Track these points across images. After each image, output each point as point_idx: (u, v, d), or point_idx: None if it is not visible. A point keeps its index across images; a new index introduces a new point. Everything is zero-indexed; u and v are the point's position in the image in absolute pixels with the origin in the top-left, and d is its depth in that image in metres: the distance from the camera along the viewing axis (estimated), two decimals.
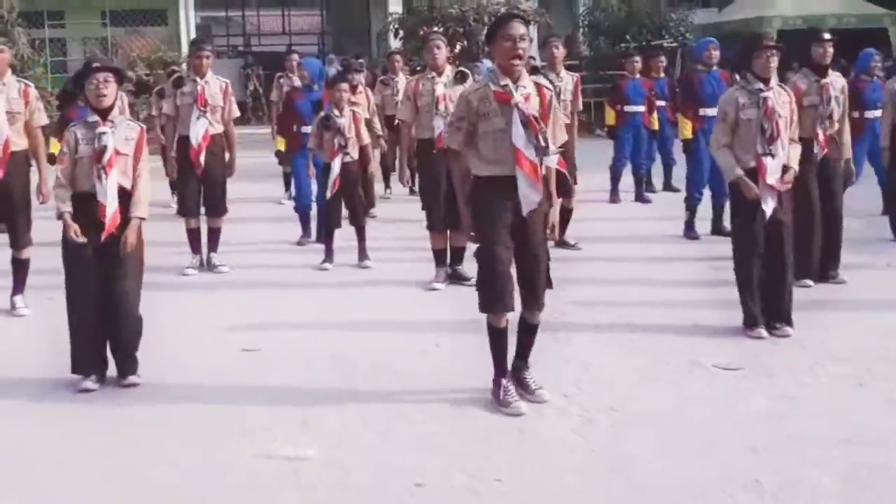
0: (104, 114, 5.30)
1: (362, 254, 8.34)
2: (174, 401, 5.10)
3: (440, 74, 7.48)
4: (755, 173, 5.93)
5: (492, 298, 4.75)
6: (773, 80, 6.08)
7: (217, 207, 8.23)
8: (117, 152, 5.24)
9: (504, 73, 4.75)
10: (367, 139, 8.53)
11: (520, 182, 4.69)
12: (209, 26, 27.80)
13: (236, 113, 8.27)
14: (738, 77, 6.28)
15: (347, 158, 8.20)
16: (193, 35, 24.69)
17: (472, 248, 5.13)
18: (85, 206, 5.22)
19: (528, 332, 4.96)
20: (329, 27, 30.34)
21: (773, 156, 5.93)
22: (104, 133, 5.25)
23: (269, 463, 4.28)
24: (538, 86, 4.84)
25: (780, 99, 6.04)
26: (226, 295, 7.46)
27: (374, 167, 10.14)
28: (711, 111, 8.14)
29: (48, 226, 6.08)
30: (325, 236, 8.40)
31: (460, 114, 4.85)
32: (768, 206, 5.91)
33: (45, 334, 5.98)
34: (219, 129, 8.12)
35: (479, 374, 5.05)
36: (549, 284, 4.87)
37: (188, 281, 7.87)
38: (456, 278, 7.49)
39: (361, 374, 5.46)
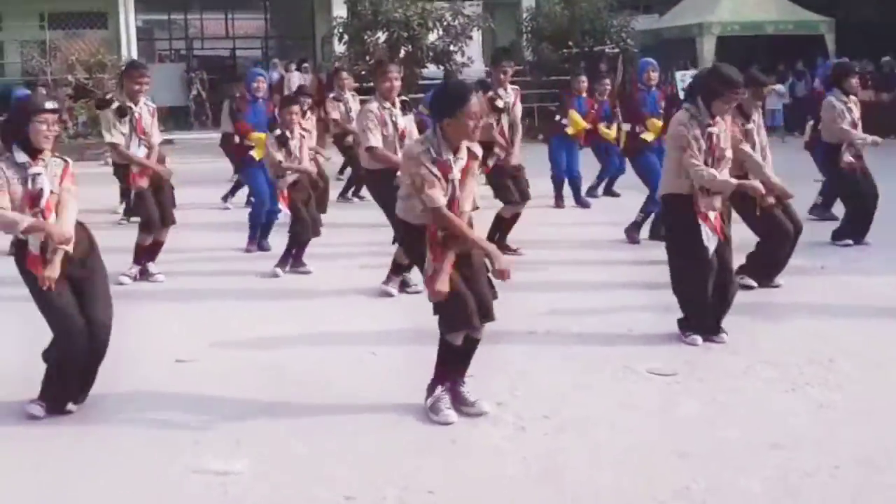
0: (37, 152, 4.91)
1: (298, 260, 8.30)
2: (104, 412, 5.01)
3: (394, 105, 7.48)
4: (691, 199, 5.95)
5: (456, 319, 4.73)
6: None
7: (167, 219, 8.11)
8: (51, 192, 4.91)
9: (450, 147, 4.75)
10: (310, 168, 8.50)
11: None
12: (151, 29, 27.46)
13: (159, 138, 8.16)
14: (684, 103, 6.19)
15: (294, 177, 8.22)
16: (134, 38, 24.40)
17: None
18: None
19: (472, 345, 4.94)
20: (273, 31, 30.14)
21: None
22: (38, 174, 4.87)
23: (198, 477, 4.22)
24: (470, 151, 4.86)
25: (723, 128, 6.07)
26: (161, 305, 7.36)
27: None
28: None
29: None
30: (298, 247, 8.31)
31: (432, 174, 4.72)
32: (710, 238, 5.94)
33: None
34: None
35: (414, 385, 5.03)
36: (494, 295, 4.88)
37: (123, 290, 7.73)
38: (404, 285, 7.48)
39: (295, 385, 5.41)
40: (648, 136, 9.41)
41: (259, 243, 9.26)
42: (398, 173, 5.55)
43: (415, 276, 7.23)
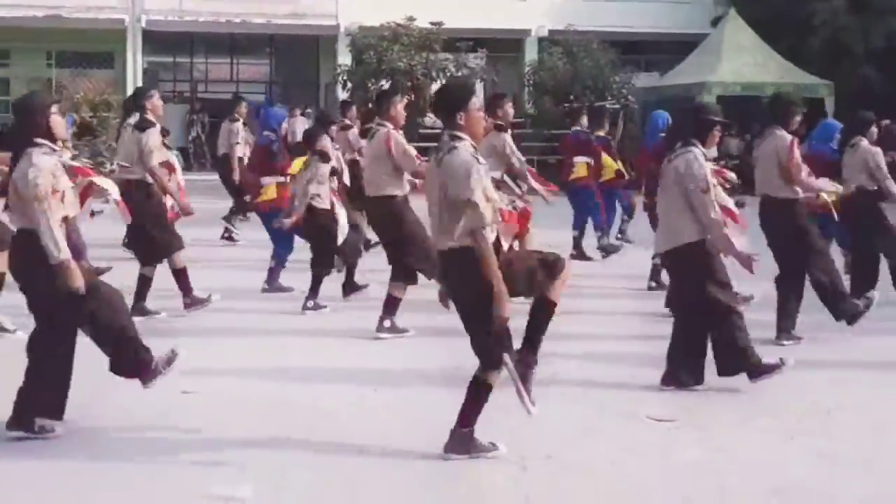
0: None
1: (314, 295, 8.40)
2: (112, 441, 5.05)
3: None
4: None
5: (503, 351, 4.71)
6: None
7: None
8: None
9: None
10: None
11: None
12: (156, 71, 27.69)
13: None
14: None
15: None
16: (140, 79, 24.60)
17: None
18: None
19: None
20: (277, 76, 30.42)
21: None
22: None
23: (205, 503, 4.25)
24: None
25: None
26: (167, 340, 7.37)
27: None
28: None
29: None
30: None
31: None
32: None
33: None
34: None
35: (415, 422, 5.09)
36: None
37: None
38: (395, 330, 7.51)
39: (300, 419, 5.45)
40: None
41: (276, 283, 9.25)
42: None
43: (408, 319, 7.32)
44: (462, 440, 4.71)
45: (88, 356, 5.33)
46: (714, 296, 5.96)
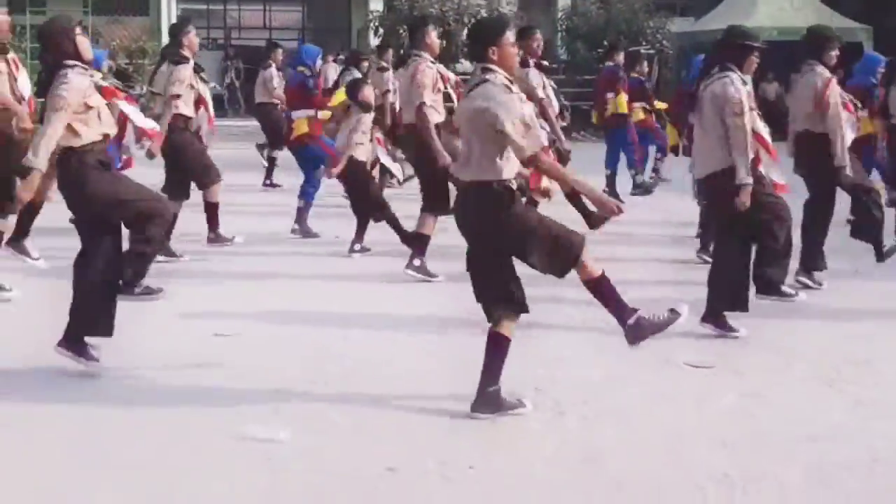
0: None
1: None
2: (145, 384, 5.10)
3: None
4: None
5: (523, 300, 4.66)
6: None
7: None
8: None
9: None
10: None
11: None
12: (190, 18, 27.62)
13: None
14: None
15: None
16: None
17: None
18: None
19: None
20: (309, 23, 30.28)
21: None
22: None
23: (242, 445, 4.30)
24: None
25: None
26: (200, 283, 7.44)
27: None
28: None
29: None
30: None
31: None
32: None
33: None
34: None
35: (452, 368, 5.09)
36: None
37: (168, 268, 7.78)
38: (424, 271, 7.46)
39: (335, 362, 5.48)
40: None
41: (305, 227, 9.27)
42: None
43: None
44: (489, 399, 4.63)
45: (119, 300, 5.38)
46: (758, 217, 5.93)
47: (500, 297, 4.63)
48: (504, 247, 4.63)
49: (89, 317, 5.15)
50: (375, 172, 9.03)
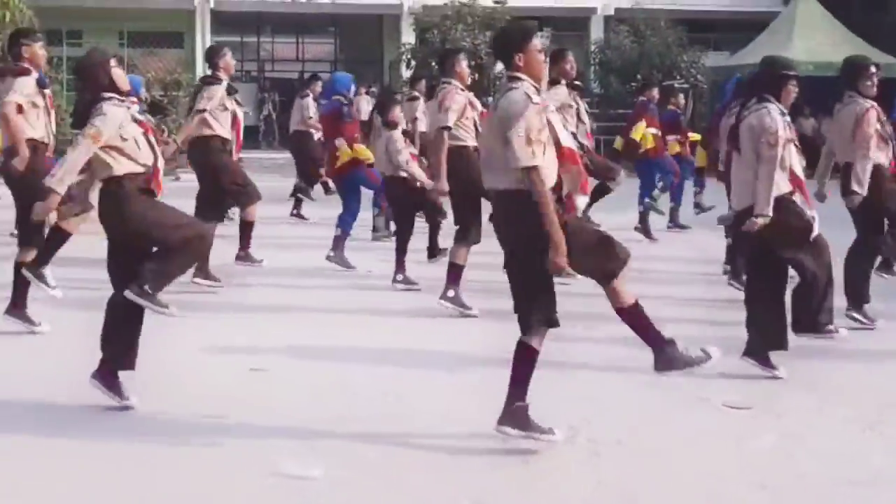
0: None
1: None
2: (180, 418, 5.09)
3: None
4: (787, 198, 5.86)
5: (550, 311, 4.58)
6: None
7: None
8: None
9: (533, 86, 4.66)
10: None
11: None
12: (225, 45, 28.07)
13: None
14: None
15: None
16: None
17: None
18: None
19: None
20: (342, 55, 30.54)
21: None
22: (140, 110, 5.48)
23: (275, 480, 4.27)
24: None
25: None
26: (235, 316, 7.45)
27: None
28: None
29: None
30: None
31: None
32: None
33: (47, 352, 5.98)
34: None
35: (485, 405, 5.01)
36: None
37: (199, 301, 7.80)
38: (458, 302, 7.42)
39: (366, 397, 5.45)
40: None
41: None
42: None
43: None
44: (515, 415, 4.55)
45: (153, 334, 5.39)
46: (794, 257, 5.84)
47: (530, 306, 4.59)
48: (527, 253, 4.54)
49: (121, 350, 5.15)
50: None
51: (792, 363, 5.97)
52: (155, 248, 5.19)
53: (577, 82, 8.71)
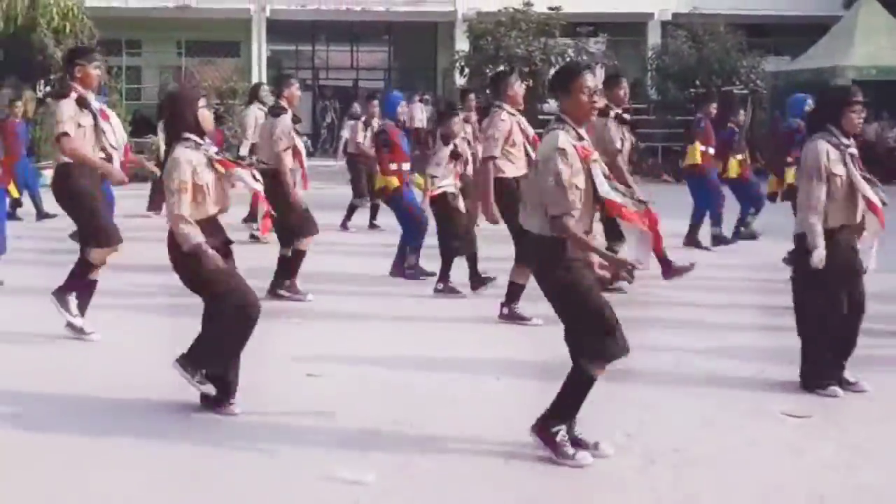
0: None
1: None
2: (236, 423, 5.13)
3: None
4: (836, 232, 5.68)
5: (616, 346, 4.55)
6: None
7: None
8: None
9: (576, 129, 4.60)
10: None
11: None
12: (279, 59, 28.31)
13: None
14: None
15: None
16: (265, 66, 25.33)
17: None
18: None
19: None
20: (395, 63, 30.69)
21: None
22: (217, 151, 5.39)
23: (330, 486, 4.29)
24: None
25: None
26: (293, 322, 7.50)
27: None
28: None
29: None
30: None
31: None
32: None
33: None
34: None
35: (540, 413, 4.99)
36: None
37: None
38: (514, 317, 7.42)
39: (422, 405, 5.45)
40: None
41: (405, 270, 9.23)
42: None
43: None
44: (545, 432, 4.59)
45: None
46: (831, 291, 5.66)
47: (573, 342, 4.60)
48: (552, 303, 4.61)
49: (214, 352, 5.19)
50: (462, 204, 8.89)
51: (853, 373, 5.85)
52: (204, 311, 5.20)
53: (626, 114, 8.56)
